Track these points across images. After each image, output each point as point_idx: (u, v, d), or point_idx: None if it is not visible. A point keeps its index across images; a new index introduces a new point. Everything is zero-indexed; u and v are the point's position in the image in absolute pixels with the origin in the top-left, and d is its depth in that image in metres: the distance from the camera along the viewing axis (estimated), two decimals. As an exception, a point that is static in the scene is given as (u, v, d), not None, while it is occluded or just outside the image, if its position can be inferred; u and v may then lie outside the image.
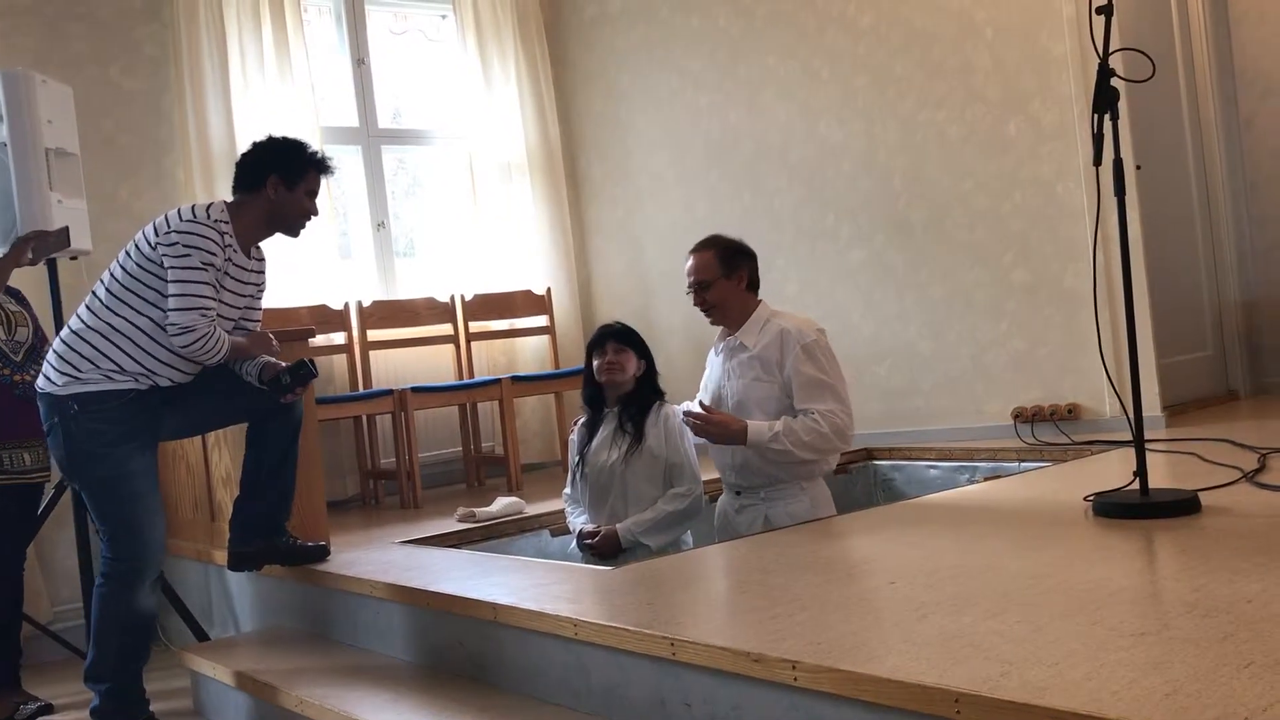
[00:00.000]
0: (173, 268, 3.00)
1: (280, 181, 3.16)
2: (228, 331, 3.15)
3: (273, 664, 3.20)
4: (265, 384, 3.20)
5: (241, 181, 3.20)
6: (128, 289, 3.05)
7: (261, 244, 3.30)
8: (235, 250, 3.13)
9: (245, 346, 3.20)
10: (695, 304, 3.43)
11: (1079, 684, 1.54)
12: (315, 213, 3.27)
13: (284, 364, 3.23)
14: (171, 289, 3.00)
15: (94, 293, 3.12)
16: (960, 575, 2.31)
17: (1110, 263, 4.01)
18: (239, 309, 3.22)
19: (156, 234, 3.04)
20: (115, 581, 3.05)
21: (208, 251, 3.01)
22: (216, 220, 3.06)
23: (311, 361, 3.23)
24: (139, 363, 3.03)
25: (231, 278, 3.14)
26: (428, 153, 6.07)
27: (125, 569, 3.04)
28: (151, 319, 3.04)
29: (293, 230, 3.27)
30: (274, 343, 3.29)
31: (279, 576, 3.58)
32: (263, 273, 3.32)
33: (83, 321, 3.06)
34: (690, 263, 3.43)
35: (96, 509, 3.08)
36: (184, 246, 3.00)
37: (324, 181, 3.28)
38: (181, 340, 3.00)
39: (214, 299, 3.04)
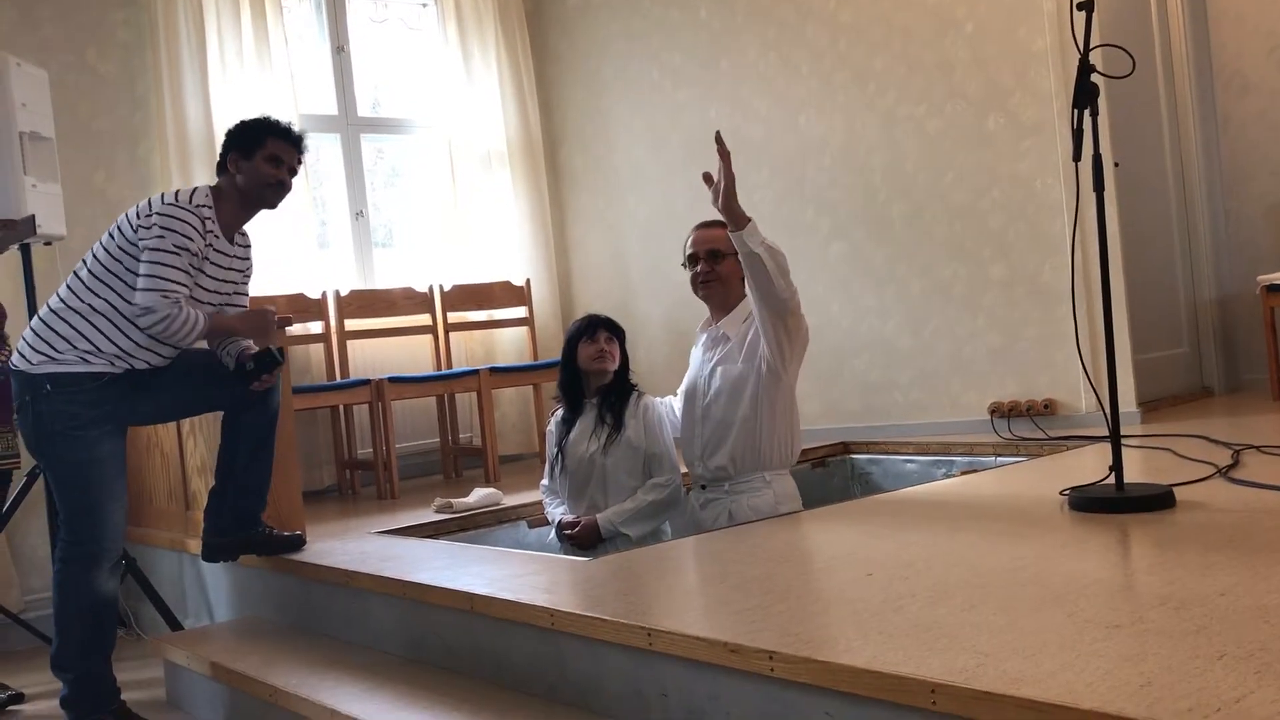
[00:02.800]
0: (146, 249, 2.98)
1: (239, 156, 3.14)
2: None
3: (247, 653, 3.17)
4: (235, 370, 3.18)
5: (218, 168, 3.21)
6: (109, 270, 3.02)
7: (247, 226, 3.27)
8: (217, 236, 3.11)
9: (232, 326, 3.17)
10: (700, 271, 3.37)
11: (1054, 675, 1.55)
12: (282, 178, 3.19)
13: (253, 350, 3.21)
14: (141, 269, 2.98)
15: (75, 273, 3.09)
16: (936, 567, 2.32)
17: (1088, 259, 4.03)
18: (224, 295, 3.19)
19: (139, 217, 3.03)
20: (74, 565, 3.01)
21: (184, 235, 2.98)
22: (199, 205, 3.05)
23: (280, 349, 3.19)
24: (116, 345, 3.00)
25: (211, 263, 3.12)
26: (407, 142, 6.04)
27: (84, 552, 3.00)
28: (130, 302, 3.01)
29: (267, 201, 3.20)
30: (273, 317, 3.22)
31: (254, 566, 3.56)
32: (248, 258, 3.30)
33: (62, 301, 3.04)
34: (701, 234, 3.40)
35: (60, 490, 3.04)
36: (160, 229, 2.98)
37: (300, 158, 3.22)
38: (144, 321, 2.97)
39: (181, 283, 2.99)
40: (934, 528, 2.80)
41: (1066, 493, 2.82)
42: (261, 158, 3.14)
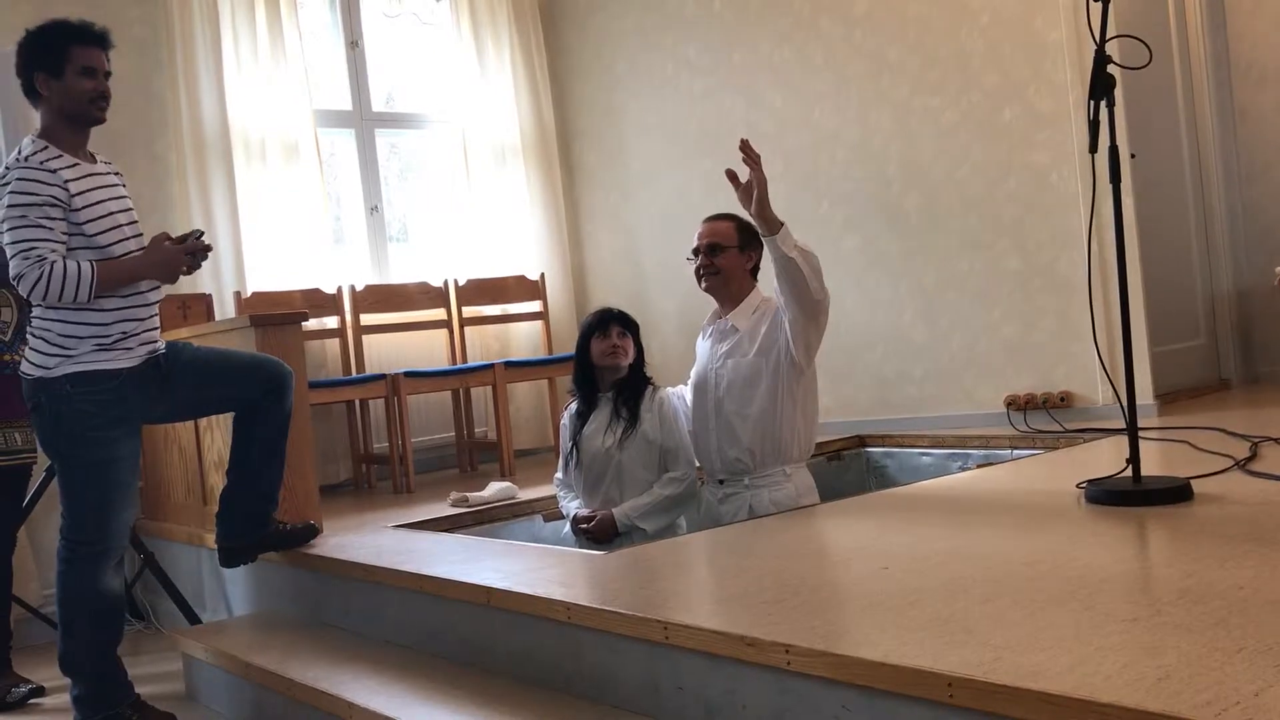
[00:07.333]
0: (4, 224, 2.84)
1: (46, 76, 2.91)
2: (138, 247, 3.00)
3: (265, 647, 3.19)
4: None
5: (26, 93, 2.96)
6: None
7: (101, 155, 3.10)
8: (76, 164, 2.92)
9: (133, 270, 2.96)
10: (700, 266, 3.40)
11: (1071, 668, 1.55)
12: (102, 89, 2.96)
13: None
14: (4, 243, 2.85)
15: None
16: (953, 561, 2.31)
17: (1104, 251, 4.01)
18: (132, 216, 3.05)
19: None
20: (80, 564, 2.96)
21: (27, 193, 2.82)
22: (32, 155, 2.86)
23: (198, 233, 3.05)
24: (110, 311, 2.92)
25: (98, 189, 2.94)
26: (421, 137, 6.04)
27: (90, 551, 2.95)
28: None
29: (93, 118, 2.98)
30: (179, 253, 2.99)
31: (271, 561, 3.57)
32: (123, 182, 3.10)
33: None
34: (704, 228, 3.44)
35: (73, 489, 2.97)
36: (7, 200, 2.83)
37: (108, 56, 2.98)
38: (22, 290, 2.82)
39: (43, 239, 2.81)
40: (950, 521, 2.79)
41: (1083, 486, 2.81)
42: (73, 73, 2.91)
